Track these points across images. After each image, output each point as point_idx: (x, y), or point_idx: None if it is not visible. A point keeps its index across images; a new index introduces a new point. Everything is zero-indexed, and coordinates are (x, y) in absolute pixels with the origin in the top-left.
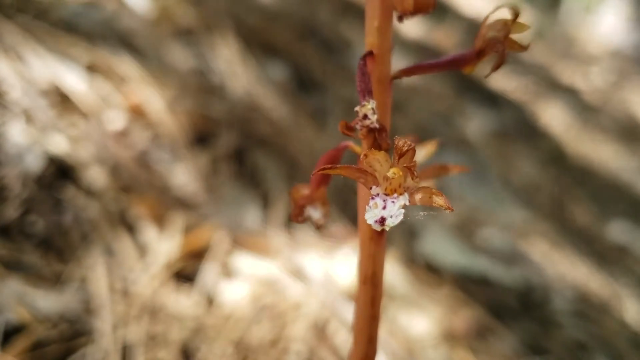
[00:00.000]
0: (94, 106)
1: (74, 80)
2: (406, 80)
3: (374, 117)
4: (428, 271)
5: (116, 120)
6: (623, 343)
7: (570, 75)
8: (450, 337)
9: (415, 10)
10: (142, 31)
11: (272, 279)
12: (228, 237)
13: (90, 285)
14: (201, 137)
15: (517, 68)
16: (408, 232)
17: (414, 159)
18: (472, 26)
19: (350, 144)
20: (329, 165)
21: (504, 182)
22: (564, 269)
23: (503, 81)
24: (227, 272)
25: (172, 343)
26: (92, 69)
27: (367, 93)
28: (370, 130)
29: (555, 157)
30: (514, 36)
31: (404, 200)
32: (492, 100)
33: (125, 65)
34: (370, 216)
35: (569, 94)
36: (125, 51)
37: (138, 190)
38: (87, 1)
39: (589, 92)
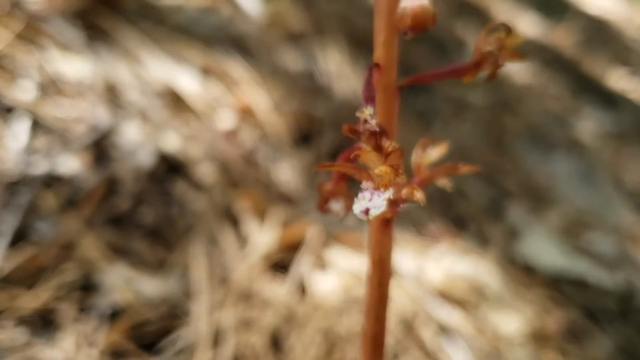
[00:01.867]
0: (206, 106)
1: (188, 81)
2: (521, 81)
3: (373, 122)
4: (525, 272)
5: (226, 120)
6: None
7: None
8: (540, 337)
9: (414, 28)
10: (255, 35)
11: (363, 272)
12: (324, 231)
13: (191, 272)
14: (305, 136)
15: (638, 68)
16: (509, 233)
17: (399, 159)
18: (593, 24)
19: (362, 144)
20: (329, 163)
21: (616, 184)
22: None
23: (623, 81)
24: (321, 265)
25: (263, 329)
26: (206, 71)
27: (370, 100)
28: (372, 133)
29: None
30: (512, 47)
31: (388, 194)
32: (610, 100)
33: (237, 67)
34: (357, 207)
35: None
36: (238, 54)
37: (244, 186)
38: (204, 7)
39: None
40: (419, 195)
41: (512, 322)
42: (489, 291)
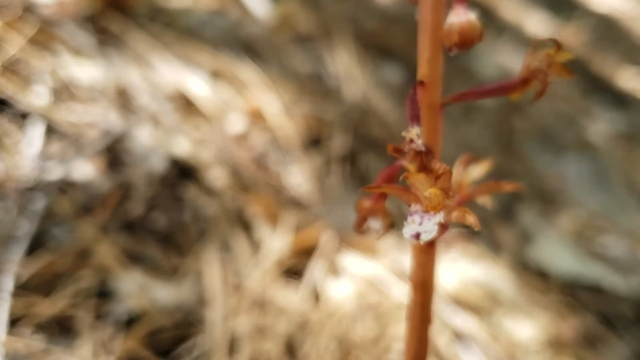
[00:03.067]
0: (216, 110)
1: (198, 85)
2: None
3: (419, 141)
4: (539, 277)
5: (237, 123)
6: None
7: None
8: (556, 344)
9: (461, 44)
10: (264, 38)
11: (377, 279)
12: (337, 236)
13: (205, 278)
14: (316, 140)
15: None
16: (522, 237)
17: (450, 181)
18: (603, 23)
19: (405, 163)
20: (375, 185)
21: (628, 186)
22: None
23: (633, 81)
24: (335, 271)
25: (278, 336)
26: (216, 74)
27: (415, 119)
28: (417, 153)
29: None
30: (561, 63)
31: (439, 217)
32: (621, 101)
33: (247, 70)
34: (407, 231)
35: None
36: (248, 57)
37: (255, 190)
38: (214, 10)
39: None
40: (471, 219)
41: (527, 328)
42: (503, 297)
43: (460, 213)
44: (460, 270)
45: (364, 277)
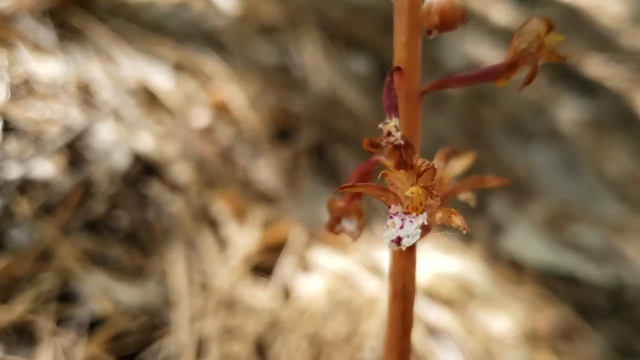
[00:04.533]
0: (180, 104)
1: (161, 79)
2: None
3: (397, 134)
4: (512, 268)
5: (201, 117)
6: None
7: None
8: (532, 337)
9: (442, 26)
10: (228, 29)
11: (348, 274)
12: (306, 231)
13: (170, 278)
14: (283, 132)
15: (614, 55)
16: (493, 228)
17: (433, 179)
18: (567, 11)
19: (382, 158)
20: (350, 184)
21: (598, 174)
22: None
23: (599, 68)
24: (305, 266)
25: (247, 336)
26: (179, 67)
27: (393, 109)
28: (395, 147)
29: None
30: (550, 45)
31: (422, 219)
32: (588, 88)
33: (211, 63)
34: (388, 235)
35: None
36: (211, 49)
37: (221, 185)
38: (177, 2)
39: None
40: (458, 221)
41: (502, 321)
42: (477, 289)
43: (446, 214)
44: (432, 263)
45: (335, 273)
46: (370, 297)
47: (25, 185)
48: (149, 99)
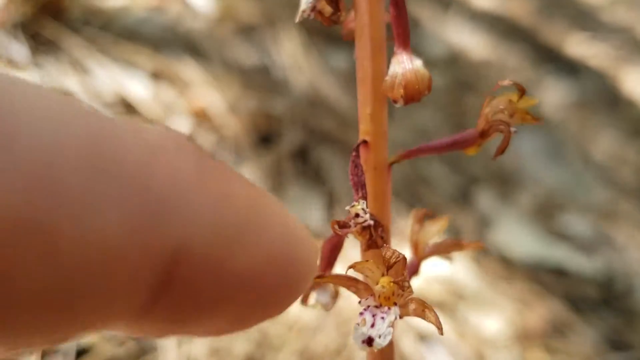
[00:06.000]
0: (158, 113)
1: (138, 88)
2: (478, 56)
3: (366, 215)
4: (501, 263)
5: (181, 125)
6: None
7: None
8: (524, 336)
9: (407, 98)
10: (206, 32)
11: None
12: None
13: None
14: (265, 137)
15: (597, 33)
16: (480, 222)
17: (404, 271)
18: None
19: (353, 230)
20: (319, 275)
21: (585, 159)
22: None
23: (582, 47)
24: None
25: (236, 357)
26: (156, 75)
27: (360, 187)
28: (365, 228)
29: None
30: (525, 109)
31: (394, 314)
32: (571, 69)
33: (189, 69)
34: (357, 336)
35: None
36: (189, 55)
37: None
38: (152, 6)
39: None
40: (432, 317)
41: (493, 322)
42: (466, 289)
43: (419, 307)
44: (422, 271)
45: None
46: (359, 306)
47: None
48: (127, 109)
